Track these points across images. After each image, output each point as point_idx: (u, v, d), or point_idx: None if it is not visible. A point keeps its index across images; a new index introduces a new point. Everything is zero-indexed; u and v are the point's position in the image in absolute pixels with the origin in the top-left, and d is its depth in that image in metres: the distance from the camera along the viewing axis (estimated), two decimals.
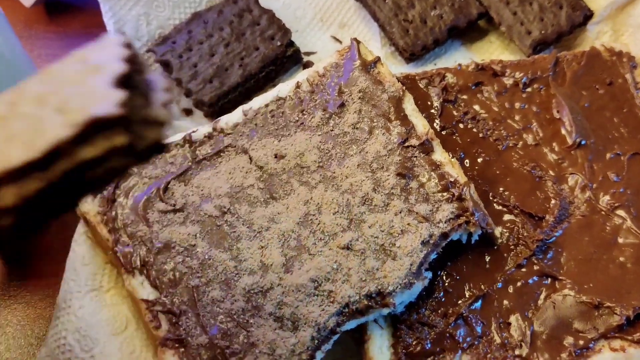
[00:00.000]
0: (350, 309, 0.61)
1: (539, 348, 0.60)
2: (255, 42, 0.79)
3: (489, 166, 0.71)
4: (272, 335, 0.59)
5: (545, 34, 0.78)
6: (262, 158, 0.69)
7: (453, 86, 0.75)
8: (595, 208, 0.66)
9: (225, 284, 0.62)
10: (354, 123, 0.70)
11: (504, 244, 0.66)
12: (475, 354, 0.61)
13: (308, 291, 0.62)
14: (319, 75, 0.75)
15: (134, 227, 0.65)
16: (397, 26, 0.80)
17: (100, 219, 0.66)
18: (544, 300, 0.63)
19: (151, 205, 0.67)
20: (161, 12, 0.79)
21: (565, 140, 0.71)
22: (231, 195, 0.67)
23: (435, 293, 0.64)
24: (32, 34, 0.94)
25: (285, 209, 0.66)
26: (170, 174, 0.69)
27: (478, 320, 0.62)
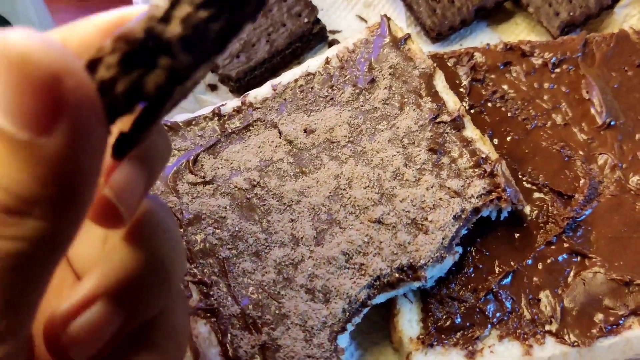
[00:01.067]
0: (382, 281, 0.61)
1: (569, 324, 0.60)
2: (282, 19, 0.79)
3: (518, 145, 0.71)
4: (304, 306, 0.59)
5: (574, 16, 0.78)
6: (291, 132, 0.69)
7: (481, 65, 0.75)
8: (625, 188, 0.67)
9: (256, 255, 0.62)
10: (385, 99, 0.70)
11: (533, 222, 0.66)
12: (505, 329, 0.61)
13: (339, 264, 0.62)
14: (349, 51, 0.74)
15: (163, 198, 0.65)
16: (425, 5, 0.80)
17: None
18: (574, 277, 0.63)
19: (181, 177, 0.67)
20: None
21: (594, 120, 0.71)
22: (261, 169, 0.67)
23: (465, 269, 0.64)
24: (54, 8, 0.93)
25: (315, 183, 0.66)
26: (199, 147, 0.69)
27: (508, 296, 0.62)
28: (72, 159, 0.25)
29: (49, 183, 0.25)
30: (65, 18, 0.92)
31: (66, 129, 0.25)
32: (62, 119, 0.25)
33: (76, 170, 0.26)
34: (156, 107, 0.29)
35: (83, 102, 0.25)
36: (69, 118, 0.25)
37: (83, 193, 0.27)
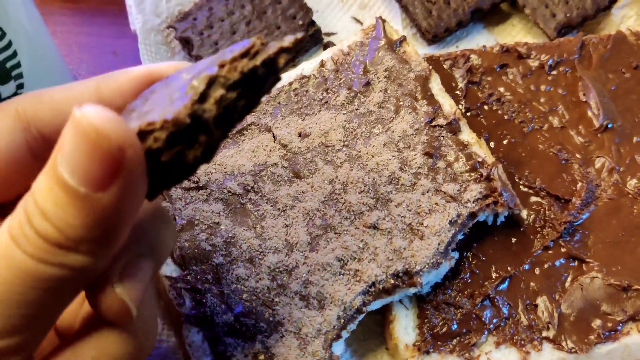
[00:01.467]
0: (377, 288, 0.60)
1: (567, 330, 0.60)
2: (276, 21, 0.78)
3: (514, 148, 0.70)
4: (298, 314, 0.59)
5: (571, 17, 0.77)
6: (286, 136, 0.68)
7: (477, 68, 0.74)
8: (623, 191, 0.66)
9: (250, 262, 0.62)
10: (380, 102, 0.70)
11: (530, 226, 0.66)
12: (502, 335, 0.61)
13: (334, 270, 0.61)
14: (344, 54, 0.74)
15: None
16: (420, 7, 0.79)
17: None
18: (571, 282, 0.62)
19: None
20: None
21: (591, 123, 0.70)
22: (255, 174, 0.67)
23: (461, 274, 0.64)
24: (46, 11, 0.92)
25: (310, 187, 0.66)
26: None
27: (505, 302, 0.62)
28: (118, 212, 0.32)
29: (96, 228, 0.32)
30: (58, 21, 0.92)
31: (118, 189, 0.31)
32: (116, 181, 0.31)
33: (118, 220, 0.33)
34: (189, 170, 0.36)
35: (135, 169, 0.32)
36: (122, 180, 0.31)
37: (121, 236, 0.34)
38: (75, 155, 0.31)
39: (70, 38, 0.90)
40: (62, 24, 0.91)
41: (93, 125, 0.30)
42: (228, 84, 0.35)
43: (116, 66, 0.89)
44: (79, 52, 0.89)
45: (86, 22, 0.91)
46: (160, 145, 0.33)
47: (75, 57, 0.89)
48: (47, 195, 0.32)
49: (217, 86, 0.35)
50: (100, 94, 0.42)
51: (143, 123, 0.33)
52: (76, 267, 0.33)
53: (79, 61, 0.89)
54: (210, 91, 0.35)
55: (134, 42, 0.80)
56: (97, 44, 0.88)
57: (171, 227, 0.44)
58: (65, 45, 0.90)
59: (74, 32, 0.90)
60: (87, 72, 0.88)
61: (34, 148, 0.42)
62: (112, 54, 0.89)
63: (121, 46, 0.89)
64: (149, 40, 0.79)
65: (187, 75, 0.38)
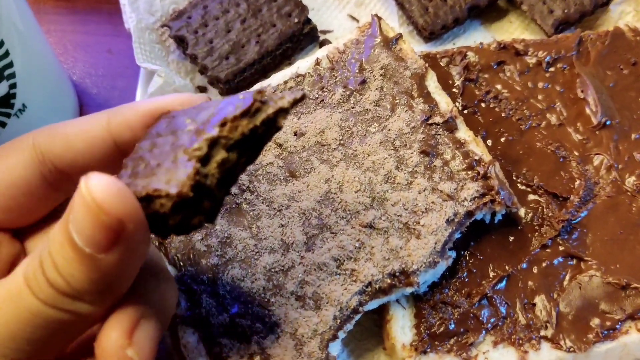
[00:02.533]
0: (373, 287, 0.60)
1: (565, 329, 0.59)
2: (272, 19, 0.77)
3: (512, 146, 0.70)
4: (294, 314, 0.58)
5: (568, 13, 0.76)
6: (281, 136, 0.68)
7: (475, 65, 0.74)
8: (621, 189, 0.65)
9: (246, 262, 0.61)
10: (376, 100, 0.69)
11: (528, 224, 0.65)
12: (499, 334, 0.60)
13: (330, 270, 0.60)
14: (339, 52, 0.73)
15: None
16: (417, 4, 0.78)
17: None
18: (570, 281, 0.62)
19: None
20: None
21: (589, 120, 0.69)
22: (250, 173, 0.66)
23: (459, 273, 0.63)
24: (41, 9, 0.92)
25: (305, 187, 0.65)
26: None
27: (502, 301, 0.61)
28: (119, 270, 0.36)
29: (99, 283, 0.36)
30: (52, 20, 0.91)
31: (119, 252, 0.35)
32: (118, 246, 0.35)
33: (120, 276, 0.37)
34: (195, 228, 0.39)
35: (136, 236, 0.35)
36: (123, 245, 0.35)
37: (122, 289, 0.39)
38: (81, 220, 0.34)
39: (65, 37, 0.89)
40: (56, 23, 0.90)
41: (95, 200, 0.34)
42: (229, 144, 0.38)
43: (112, 65, 0.89)
44: (74, 51, 0.89)
45: (81, 21, 0.91)
46: (167, 211, 0.36)
47: (70, 56, 0.89)
48: (59, 249, 0.36)
49: (218, 148, 0.37)
50: (110, 130, 0.45)
51: (150, 188, 0.36)
52: (80, 313, 0.37)
53: (73, 60, 0.89)
54: (213, 152, 0.37)
55: (129, 41, 0.79)
56: (92, 43, 0.88)
57: (171, 285, 0.47)
58: (60, 44, 0.89)
59: (69, 31, 0.90)
60: (81, 71, 0.88)
61: (49, 179, 0.46)
62: (107, 52, 0.88)
63: (116, 45, 0.88)
64: (144, 39, 0.78)
65: (190, 123, 0.39)
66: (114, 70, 0.63)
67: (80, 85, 0.88)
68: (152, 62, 0.77)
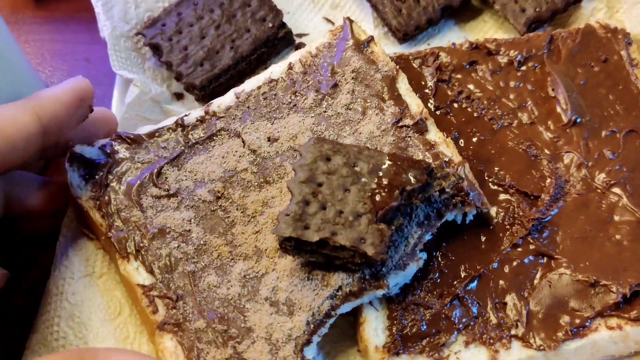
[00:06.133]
0: (344, 291, 0.60)
1: (535, 327, 0.60)
2: (246, 24, 0.78)
3: (484, 146, 0.70)
4: (269, 319, 0.59)
5: (540, 11, 0.77)
6: (255, 141, 0.69)
7: (447, 65, 0.74)
8: (591, 186, 0.66)
9: (221, 269, 0.62)
10: (347, 104, 0.70)
11: (499, 224, 0.66)
12: (471, 334, 0.61)
13: (302, 276, 0.61)
14: (312, 56, 0.74)
15: (127, 212, 0.65)
16: (390, 6, 0.79)
17: (93, 203, 0.65)
18: (540, 279, 0.62)
19: (144, 190, 0.66)
20: None
21: (560, 118, 0.70)
22: (225, 180, 0.67)
23: (431, 274, 0.64)
24: (19, 19, 0.93)
25: (279, 192, 0.66)
26: (163, 159, 0.68)
27: (474, 301, 0.62)
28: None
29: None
30: (30, 30, 0.92)
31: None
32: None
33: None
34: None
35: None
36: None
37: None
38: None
39: (43, 46, 0.91)
40: (34, 32, 0.91)
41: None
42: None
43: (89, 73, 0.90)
44: (52, 59, 0.90)
45: (58, 30, 0.92)
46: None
47: (48, 65, 0.90)
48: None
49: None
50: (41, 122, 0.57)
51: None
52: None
53: (51, 69, 0.90)
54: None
55: (106, 49, 0.80)
56: (70, 51, 0.89)
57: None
58: (38, 53, 0.90)
59: (46, 40, 0.91)
60: (59, 80, 0.89)
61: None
62: (85, 60, 0.89)
63: (94, 52, 0.89)
64: (119, 46, 0.79)
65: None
66: (92, 78, 0.64)
67: None
68: (128, 70, 0.78)
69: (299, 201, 0.58)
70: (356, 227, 0.57)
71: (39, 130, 0.54)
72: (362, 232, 0.57)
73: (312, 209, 0.58)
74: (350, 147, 0.61)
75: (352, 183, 0.59)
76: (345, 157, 0.60)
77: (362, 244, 0.56)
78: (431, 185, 0.61)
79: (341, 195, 0.59)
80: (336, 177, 0.59)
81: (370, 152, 0.60)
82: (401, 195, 0.58)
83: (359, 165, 0.60)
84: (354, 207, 0.58)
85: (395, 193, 0.58)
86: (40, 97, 0.56)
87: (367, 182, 0.59)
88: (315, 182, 0.59)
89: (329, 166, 0.60)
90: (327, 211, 0.58)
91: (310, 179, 0.59)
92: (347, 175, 0.59)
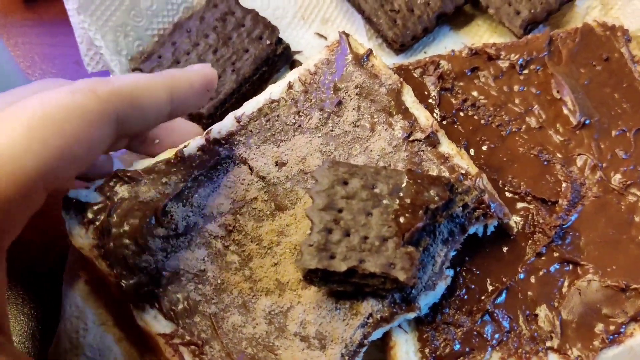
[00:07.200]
0: (375, 318, 0.58)
1: (570, 338, 0.59)
2: (243, 44, 0.75)
3: (495, 153, 0.69)
4: (302, 356, 0.56)
5: (535, 12, 0.76)
6: (263, 167, 0.66)
7: (449, 73, 0.73)
8: (608, 188, 0.66)
9: (244, 307, 0.59)
10: (354, 121, 0.67)
11: (520, 233, 0.65)
12: (505, 350, 0.60)
13: (329, 306, 0.59)
14: (311, 74, 0.71)
15: (136, 257, 0.61)
16: (384, 17, 0.77)
17: (98, 252, 0.61)
18: (568, 287, 0.61)
19: (151, 231, 0.62)
20: (139, 22, 0.74)
21: (568, 120, 0.69)
22: (235, 212, 0.64)
23: (457, 291, 0.62)
24: (7, 22, 0.91)
25: (293, 220, 0.63)
26: (166, 196, 0.64)
27: (504, 315, 0.61)
28: None
29: None
30: (19, 33, 0.91)
31: None
32: None
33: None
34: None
35: None
36: None
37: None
38: None
39: (33, 49, 0.90)
40: (23, 35, 0.90)
41: None
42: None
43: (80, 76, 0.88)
44: (42, 63, 0.89)
45: (48, 33, 0.90)
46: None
47: (38, 69, 0.89)
48: None
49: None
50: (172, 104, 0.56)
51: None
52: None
53: (41, 72, 0.89)
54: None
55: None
56: (60, 54, 0.87)
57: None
58: (28, 56, 0.90)
59: (36, 43, 0.90)
60: None
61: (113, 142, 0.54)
62: (75, 63, 0.88)
63: None
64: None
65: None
66: None
67: None
68: None
69: (320, 230, 0.56)
70: (384, 252, 0.55)
71: (169, 109, 0.55)
72: (390, 257, 0.55)
73: (335, 237, 0.56)
74: (367, 168, 0.59)
75: (374, 206, 0.57)
76: (362, 179, 0.58)
77: (392, 269, 0.54)
78: (454, 202, 0.59)
79: (364, 220, 0.56)
80: (356, 201, 0.57)
81: (388, 172, 0.58)
82: (425, 214, 0.57)
83: (378, 187, 0.58)
84: (378, 232, 0.56)
85: (419, 213, 0.56)
86: (175, 76, 0.57)
87: (389, 204, 0.57)
88: (335, 208, 0.57)
89: (347, 190, 0.57)
90: (352, 238, 0.56)
91: (330, 205, 0.57)
92: (367, 199, 0.57)
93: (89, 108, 0.47)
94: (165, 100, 0.55)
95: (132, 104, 0.51)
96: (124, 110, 0.51)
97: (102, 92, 0.49)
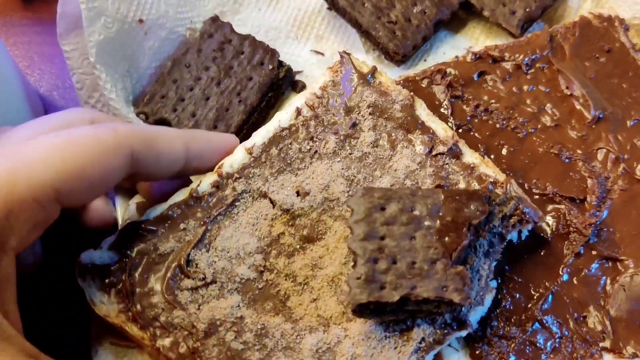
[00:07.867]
0: (427, 342, 0.56)
1: (622, 335, 0.59)
2: (246, 72, 0.72)
3: (515, 156, 0.68)
4: None
5: (530, 10, 0.76)
6: (285, 199, 0.63)
7: (456, 80, 0.71)
8: (633, 179, 0.65)
9: (289, 349, 0.56)
10: (373, 141, 0.65)
11: (555, 235, 0.64)
12: (560, 355, 0.59)
13: (378, 336, 0.56)
14: (318, 97, 0.68)
15: (167, 315, 0.57)
16: (383, 29, 0.75)
17: (125, 317, 0.57)
18: (612, 284, 0.61)
19: (177, 284, 0.58)
20: (141, 63, 0.70)
21: (583, 115, 0.69)
22: (262, 250, 0.61)
23: (502, 302, 0.61)
24: (6, 22, 0.89)
25: (325, 250, 0.61)
26: (187, 244, 0.60)
27: (554, 321, 0.60)
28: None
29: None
30: (18, 32, 0.89)
31: None
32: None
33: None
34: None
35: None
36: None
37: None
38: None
39: (31, 49, 0.89)
40: (23, 35, 0.89)
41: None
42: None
43: None
44: (41, 62, 0.88)
45: (47, 32, 0.89)
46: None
47: (37, 69, 0.88)
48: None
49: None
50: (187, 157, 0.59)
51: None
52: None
53: (40, 72, 0.88)
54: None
55: None
56: (59, 54, 0.83)
57: None
58: (27, 56, 0.89)
59: (35, 43, 0.89)
60: (49, 83, 0.87)
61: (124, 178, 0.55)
62: None
63: None
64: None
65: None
66: None
67: (48, 98, 0.88)
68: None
69: (366, 260, 0.53)
70: (434, 276, 0.53)
71: (183, 158, 0.59)
72: (441, 279, 0.53)
73: (382, 266, 0.53)
74: (401, 191, 0.57)
75: (416, 229, 0.55)
76: (400, 203, 0.56)
77: (445, 292, 0.53)
78: (494, 214, 0.58)
79: (408, 245, 0.54)
80: (397, 226, 0.55)
81: (424, 192, 0.56)
82: (469, 231, 0.55)
83: (417, 209, 0.56)
84: (425, 255, 0.54)
85: (463, 230, 0.55)
86: (194, 131, 0.66)
87: (431, 225, 0.55)
88: (377, 236, 0.54)
89: (385, 216, 0.55)
90: (399, 265, 0.53)
91: (371, 233, 0.54)
92: (407, 222, 0.55)
93: (105, 138, 0.52)
94: (180, 148, 0.58)
95: (147, 144, 0.55)
96: (139, 148, 0.54)
97: (121, 129, 0.54)
